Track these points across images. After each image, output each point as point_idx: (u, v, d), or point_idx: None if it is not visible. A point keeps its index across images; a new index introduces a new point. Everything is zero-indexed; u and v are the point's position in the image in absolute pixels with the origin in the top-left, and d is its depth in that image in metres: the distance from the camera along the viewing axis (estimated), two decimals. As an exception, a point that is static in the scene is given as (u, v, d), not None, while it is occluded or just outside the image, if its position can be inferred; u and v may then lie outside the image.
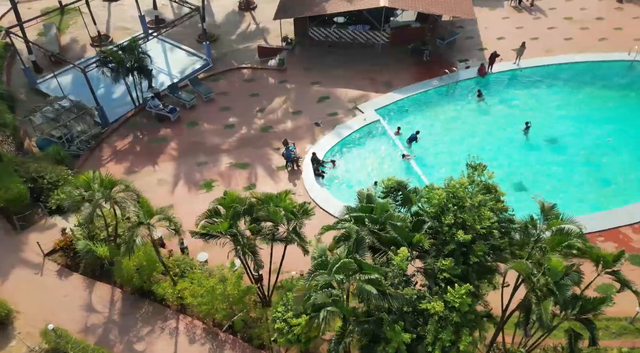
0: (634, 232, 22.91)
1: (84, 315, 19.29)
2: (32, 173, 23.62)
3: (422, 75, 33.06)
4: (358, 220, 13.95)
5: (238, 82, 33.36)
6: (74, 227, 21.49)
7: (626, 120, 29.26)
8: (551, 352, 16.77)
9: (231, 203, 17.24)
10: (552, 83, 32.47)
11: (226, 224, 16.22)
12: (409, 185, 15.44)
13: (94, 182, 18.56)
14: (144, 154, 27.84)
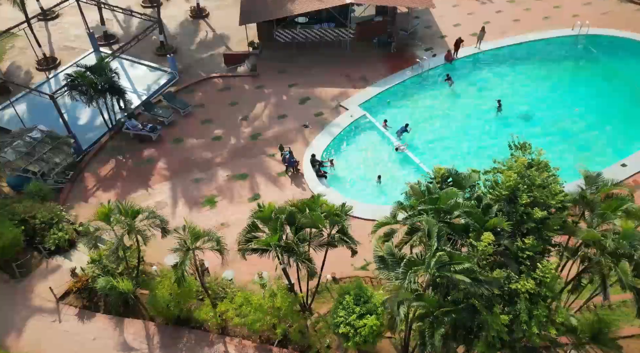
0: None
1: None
2: (22, 214, 21.61)
3: (394, 67, 33.84)
4: (425, 212, 14.16)
5: (213, 93, 32.39)
6: (87, 264, 19.99)
7: (587, 89, 31.71)
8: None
9: (270, 215, 16.88)
10: (514, 62, 34.49)
11: (276, 237, 15.84)
12: (459, 172, 15.87)
13: (115, 213, 17.38)
14: (132, 178, 26.37)
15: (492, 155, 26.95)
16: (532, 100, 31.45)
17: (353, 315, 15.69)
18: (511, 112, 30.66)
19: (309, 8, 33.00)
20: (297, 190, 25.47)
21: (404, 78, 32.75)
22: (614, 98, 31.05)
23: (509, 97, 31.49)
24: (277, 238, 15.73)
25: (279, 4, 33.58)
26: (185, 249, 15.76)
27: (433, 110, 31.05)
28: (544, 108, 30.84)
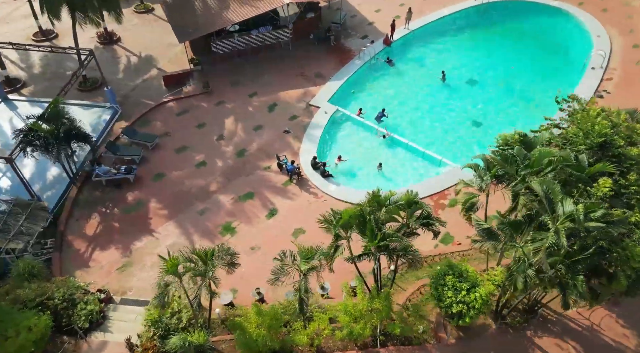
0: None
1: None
2: (36, 298, 18.44)
3: (342, 58, 34.58)
4: (514, 176, 15.14)
5: (172, 118, 30.16)
6: (147, 328, 17.81)
7: (514, 49, 35.61)
8: None
9: (349, 221, 16.75)
10: (442, 36, 37.35)
11: (375, 241, 15.76)
12: (526, 134, 17.09)
13: (186, 261, 15.82)
14: (128, 228, 23.76)
15: (459, 118, 29.94)
16: (471, 66, 34.42)
17: (463, 292, 16.29)
18: (457, 80, 33.25)
19: (247, 15, 32.21)
20: (309, 196, 25.15)
21: (356, 67, 33.66)
22: (532, 52, 35.15)
23: (449, 67, 34.01)
24: (377, 241, 15.63)
25: (213, 16, 32.28)
26: (301, 273, 14.88)
27: (392, 91, 32.48)
28: (484, 71, 33.95)
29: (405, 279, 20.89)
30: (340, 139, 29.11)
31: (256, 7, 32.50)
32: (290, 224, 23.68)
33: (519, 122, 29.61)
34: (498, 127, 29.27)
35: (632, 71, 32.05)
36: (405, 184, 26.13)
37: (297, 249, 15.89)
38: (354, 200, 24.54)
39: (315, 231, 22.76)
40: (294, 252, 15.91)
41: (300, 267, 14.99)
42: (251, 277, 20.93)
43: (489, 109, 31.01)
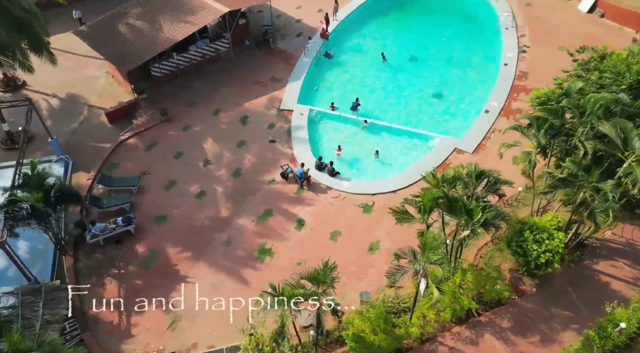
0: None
1: None
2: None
3: (289, 59, 34.27)
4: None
5: (142, 156, 27.44)
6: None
7: (437, 22, 38.32)
8: None
9: (431, 200, 17.14)
10: (370, 20, 38.82)
11: (478, 216, 16.20)
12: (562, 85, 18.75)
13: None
14: (157, 282, 21.46)
15: (415, 93, 31.48)
16: (406, 44, 36.31)
17: (546, 241, 17.68)
18: (398, 59, 34.87)
19: (187, 31, 30.33)
20: (327, 197, 24.93)
21: (307, 65, 33.66)
22: (452, 23, 38.18)
23: (388, 48, 35.57)
24: (477, 216, 16.15)
25: (149, 38, 29.90)
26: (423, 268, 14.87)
27: (349, 80, 33.09)
28: (420, 47, 36.08)
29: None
30: (325, 136, 29.10)
31: (193, 23, 30.67)
32: (323, 229, 23.30)
33: (468, 86, 32.35)
34: (455, 94, 31.69)
35: (537, 25, 36.46)
36: (405, 165, 27.19)
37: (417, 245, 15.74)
38: (371, 190, 25.07)
39: (351, 229, 22.96)
40: (412, 248, 15.74)
41: (426, 260, 14.94)
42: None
43: (440, 79, 33.06)
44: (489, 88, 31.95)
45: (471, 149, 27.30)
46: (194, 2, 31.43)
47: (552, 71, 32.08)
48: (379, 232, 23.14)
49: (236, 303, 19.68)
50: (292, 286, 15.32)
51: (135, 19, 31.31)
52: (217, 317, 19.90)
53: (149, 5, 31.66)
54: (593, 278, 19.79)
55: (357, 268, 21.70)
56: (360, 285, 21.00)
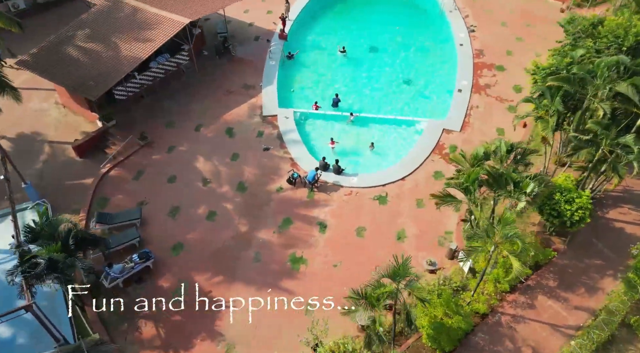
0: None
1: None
2: None
3: (256, 63, 33.52)
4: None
5: (131, 186, 25.61)
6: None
7: (386, 12, 39.33)
8: None
9: (475, 179, 17.86)
10: (321, 16, 38.99)
11: (530, 188, 17.04)
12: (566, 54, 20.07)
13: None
14: (194, 314, 20.33)
15: (386, 81, 32.29)
16: (363, 36, 36.89)
17: (577, 200, 19.05)
18: (359, 51, 35.42)
19: (150, 49, 28.49)
20: (341, 196, 24.92)
21: (276, 67, 33.17)
22: (398, 11, 39.41)
23: (345, 41, 36.00)
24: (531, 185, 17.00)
25: (109, 60, 27.79)
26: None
27: (318, 78, 33.06)
28: (376, 38, 36.86)
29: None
30: (317, 135, 28.96)
31: (153, 39, 28.93)
32: (347, 228, 23.31)
33: (432, 68, 33.71)
34: (423, 77, 32.83)
35: (476, 6, 38.70)
36: (403, 152, 27.85)
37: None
38: (380, 181, 25.44)
39: (374, 222, 23.28)
40: (486, 226, 16.17)
41: (501, 235, 15.45)
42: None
43: (404, 66, 34.06)
44: (452, 68, 33.51)
45: (458, 128, 28.56)
46: (147, 17, 29.61)
47: (504, 45, 34.63)
48: (401, 219, 23.57)
49: (286, 315, 19.23)
50: (373, 286, 15.20)
51: (85, 41, 28.89)
52: (270, 335, 19.27)
53: (95, 25, 29.32)
54: (609, 226, 21.73)
55: (393, 261, 21.86)
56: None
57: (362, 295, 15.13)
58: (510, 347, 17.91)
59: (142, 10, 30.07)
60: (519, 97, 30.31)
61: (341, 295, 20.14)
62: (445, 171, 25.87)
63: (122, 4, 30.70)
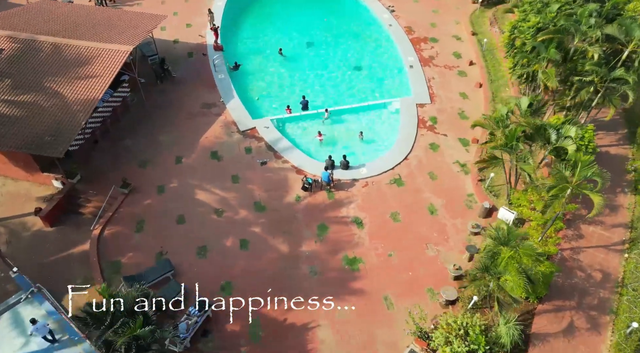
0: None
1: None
2: None
3: (205, 80, 31.62)
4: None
5: (141, 240, 22.79)
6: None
7: (306, 5, 39.49)
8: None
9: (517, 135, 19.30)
10: (247, 17, 37.93)
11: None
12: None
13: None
14: (282, 345, 19.10)
15: (337, 72, 32.99)
16: (294, 33, 36.75)
17: (575, 134, 21.51)
18: (297, 48, 35.37)
19: (102, 87, 25.30)
20: (359, 189, 24.99)
21: (228, 79, 31.70)
22: (316, 3, 39.92)
23: (281, 40, 35.74)
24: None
25: (59, 110, 24.14)
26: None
27: (275, 81, 32.38)
28: (307, 32, 36.97)
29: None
30: (305, 136, 28.42)
31: (100, 74, 25.72)
32: (382, 217, 23.59)
33: (373, 51, 34.95)
34: (369, 61, 33.85)
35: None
36: (389, 135, 28.68)
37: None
38: (389, 166, 26.14)
39: (403, 205, 24.24)
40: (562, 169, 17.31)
41: (579, 177, 16.85)
42: (436, 274, 21.00)
43: (346, 54, 34.70)
44: (391, 47, 35.14)
45: (428, 100, 30.22)
46: (79, 52, 26.13)
47: (426, 19, 37.19)
48: (424, 195, 24.49)
49: (369, 317, 19.13)
50: (477, 271, 15.73)
51: (13, 95, 24.61)
52: (366, 340, 19.05)
53: (17, 74, 25.05)
54: (608, 153, 24.87)
55: (437, 234, 22.80)
56: (451, 245, 22.24)
57: (484, 267, 15.58)
58: (582, 276, 19.89)
59: (68, 45, 26.46)
60: (462, 61, 33.11)
61: (413, 279, 20.54)
62: (437, 141, 27.34)
63: (37, 43, 26.68)
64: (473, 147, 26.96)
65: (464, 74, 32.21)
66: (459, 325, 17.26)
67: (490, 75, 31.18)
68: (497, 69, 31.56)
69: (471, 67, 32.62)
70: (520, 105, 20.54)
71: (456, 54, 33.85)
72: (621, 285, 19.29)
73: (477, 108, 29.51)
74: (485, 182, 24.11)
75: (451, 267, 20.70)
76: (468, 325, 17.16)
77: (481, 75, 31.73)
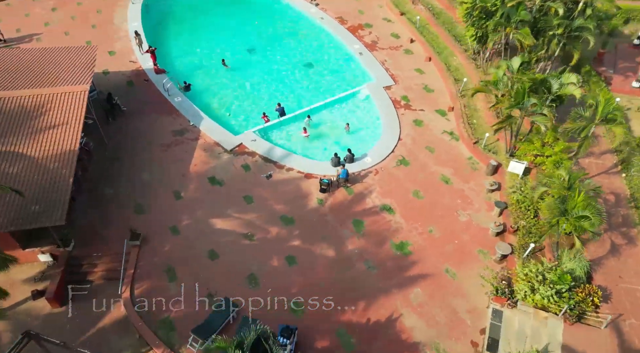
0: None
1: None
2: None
3: (155, 107, 29.23)
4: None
5: (174, 288, 20.63)
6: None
7: (235, 12, 38.22)
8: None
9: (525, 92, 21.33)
10: (174, 32, 35.67)
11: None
12: None
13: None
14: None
15: (291, 73, 33.07)
16: (230, 42, 35.54)
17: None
18: (239, 58, 34.22)
19: (76, 134, 22.43)
20: (373, 177, 25.20)
21: (187, 101, 29.80)
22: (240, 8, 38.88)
23: (219, 49, 34.47)
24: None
25: (33, 175, 21.02)
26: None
27: (235, 94, 31.12)
28: (244, 38, 35.82)
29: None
30: (291, 144, 27.76)
31: (67, 122, 22.74)
32: (406, 198, 24.12)
33: (314, 45, 35.16)
34: (314, 55, 34.07)
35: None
36: (370, 121, 29.33)
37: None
38: (388, 149, 26.91)
39: (418, 183, 25.15)
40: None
41: (602, 115, 19.00)
42: (477, 235, 22.41)
43: (289, 53, 34.45)
44: (331, 39, 35.65)
45: (392, 81, 31.38)
46: (29, 102, 22.77)
47: (352, 7, 38.29)
48: (432, 168, 25.62)
49: (440, 292, 19.84)
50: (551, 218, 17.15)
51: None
52: (450, 320, 19.62)
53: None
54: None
55: (460, 200, 24.11)
56: (476, 206, 23.69)
57: (561, 212, 16.89)
58: (600, 201, 22.29)
59: (14, 97, 22.80)
60: (402, 41, 34.87)
61: (461, 246, 21.54)
62: (418, 117, 28.66)
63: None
64: (451, 115, 28.70)
65: (410, 51, 33.90)
66: (536, 272, 18.59)
67: (435, 49, 33.17)
68: (437, 41, 33.68)
69: (413, 45, 34.42)
70: (512, 66, 22.44)
71: (394, 35, 35.44)
72: (632, 200, 22.25)
73: (437, 80, 31.39)
74: (481, 143, 25.90)
75: (492, 225, 22.06)
76: (544, 271, 18.57)
77: (425, 49, 33.64)
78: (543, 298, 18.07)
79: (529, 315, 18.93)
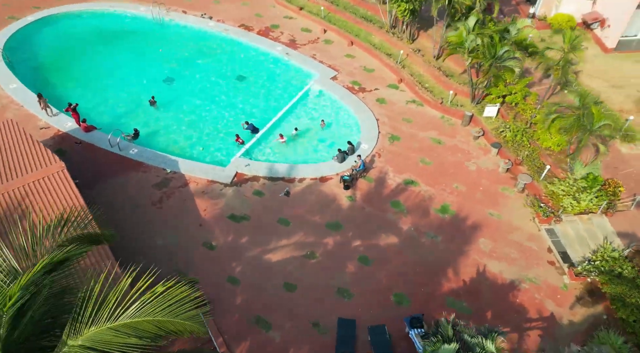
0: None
1: None
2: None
3: (115, 164, 25.71)
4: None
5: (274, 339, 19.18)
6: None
7: (130, 40, 34.47)
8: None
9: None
10: (70, 84, 31.07)
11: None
12: None
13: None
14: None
15: (229, 89, 32.40)
16: (138, 77, 32.12)
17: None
18: (160, 91, 31.39)
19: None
20: (378, 160, 25.92)
21: (151, 150, 26.69)
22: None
23: (136, 91, 31.33)
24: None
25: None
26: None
27: (195, 127, 28.71)
28: (153, 69, 32.76)
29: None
30: (285, 156, 26.94)
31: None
32: (418, 168, 25.36)
33: (238, 56, 34.04)
34: (242, 63, 33.14)
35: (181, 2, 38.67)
36: (337, 112, 29.88)
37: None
38: (374, 131, 27.99)
39: (423, 152, 26.57)
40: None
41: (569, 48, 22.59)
42: (492, 177, 24.93)
43: (214, 70, 32.83)
44: (249, 49, 34.72)
45: (334, 72, 32.11)
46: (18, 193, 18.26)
47: (246, 13, 37.73)
48: (420, 135, 27.35)
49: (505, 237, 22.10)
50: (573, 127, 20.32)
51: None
52: (523, 265, 21.88)
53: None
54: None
55: (461, 154, 26.39)
56: (476, 154, 26.26)
57: (583, 125, 19.95)
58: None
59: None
60: (316, 34, 35.74)
61: (487, 191, 23.98)
62: (378, 95, 30.09)
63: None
64: (402, 86, 30.75)
65: (330, 41, 34.94)
66: (572, 184, 21.71)
67: (350, 34, 34.66)
68: (349, 26, 35.25)
69: (328, 34, 35.52)
70: (468, 25, 25.06)
71: (305, 30, 36.04)
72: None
73: (370, 60, 33.09)
74: (446, 102, 28.48)
75: (502, 163, 24.80)
76: (575, 183, 21.78)
77: (342, 36, 34.96)
78: (587, 203, 21.20)
79: (575, 222, 22.02)
